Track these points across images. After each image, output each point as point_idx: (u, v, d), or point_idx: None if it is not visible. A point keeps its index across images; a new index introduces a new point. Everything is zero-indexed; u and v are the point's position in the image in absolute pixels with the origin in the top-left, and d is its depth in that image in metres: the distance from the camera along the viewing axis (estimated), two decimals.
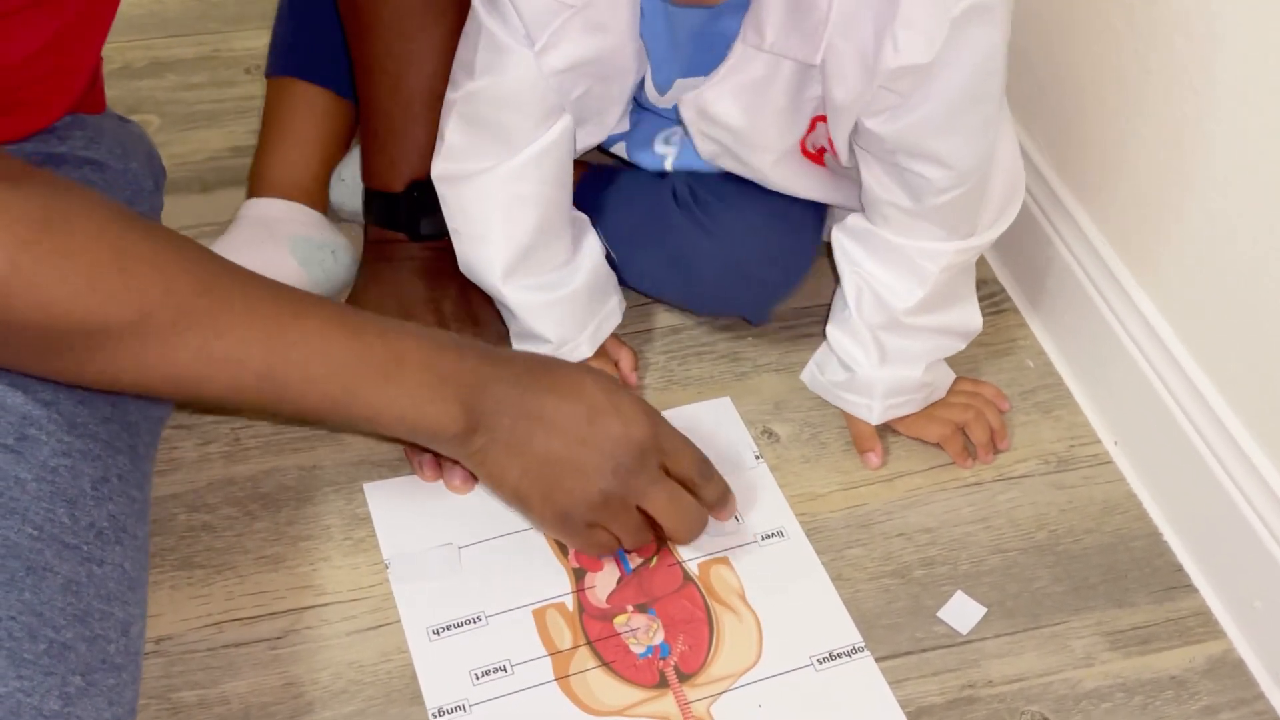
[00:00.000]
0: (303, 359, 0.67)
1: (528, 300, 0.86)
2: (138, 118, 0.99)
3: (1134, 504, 0.88)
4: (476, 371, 0.72)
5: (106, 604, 0.66)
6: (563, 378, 0.75)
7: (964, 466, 0.89)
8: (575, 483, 0.73)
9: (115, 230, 0.63)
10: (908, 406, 0.89)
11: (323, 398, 0.69)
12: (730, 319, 0.97)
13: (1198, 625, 0.82)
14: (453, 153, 0.84)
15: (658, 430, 0.75)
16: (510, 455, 0.72)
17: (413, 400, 0.70)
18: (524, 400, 0.72)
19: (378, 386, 0.69)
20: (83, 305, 0.61)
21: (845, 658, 0.78)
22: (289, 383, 0.67)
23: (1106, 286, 0.91)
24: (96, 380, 0.67)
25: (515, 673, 0.76)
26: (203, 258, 0.67)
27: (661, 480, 0.75)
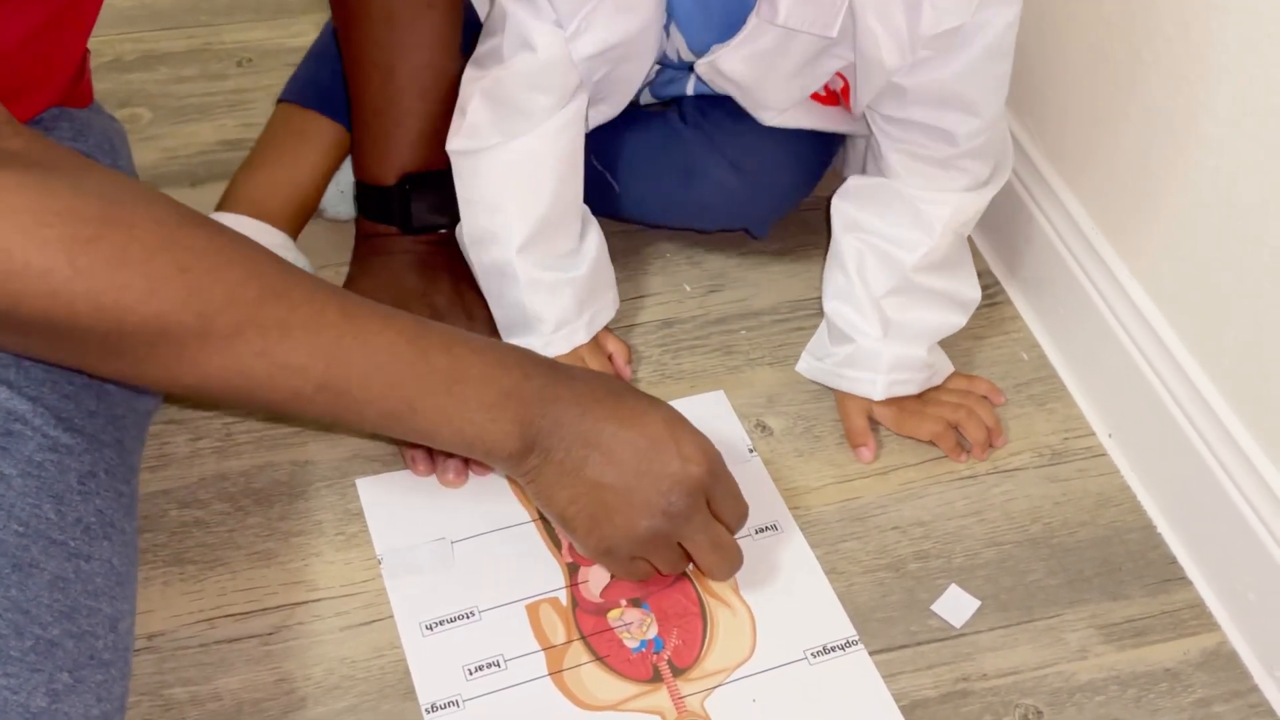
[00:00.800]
0: (365, 371, 0.66)
1: (536, 277, 0.86)
2: (128, 111, 0.99)
3: (1128, 496, 0.88)
4: (540, 391, 0.70)
5: (94, 600, 0.65)
6: (627, 404, 0.73)
7: (958, 461, 0.89)
8: (624, 517, 0.72)
9: (178, 230, 0.61)
10: (909, 386, 0.89)
11: (382, 411, 0.67)
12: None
13: (1192, 618, 0.82)
14: (475, 130, 0.85)
15: (714, 470, 0.73)
16: (561, 478, 0.71)
17: (471, 418, 0.68)
18: (583, 424, 0.71)
19: (438, 401, 0.68)
20: (144, 308, 0.59)
21: (839, 651, 0.78)
22: (349, 393, 0.66)
23: (1100, 279, 0.91)
24: (156, 381, 0.66)
25: (509, 668, 0.76)
26: (267, 261, 0.65)
27: (709, 524, 0.74)
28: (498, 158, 0.84)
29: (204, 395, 0.68)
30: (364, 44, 0.88)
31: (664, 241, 1.02)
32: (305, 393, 0.65)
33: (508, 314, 0.88)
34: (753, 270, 1.01)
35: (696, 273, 1.01)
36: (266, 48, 1.17)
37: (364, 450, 0.86)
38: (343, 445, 0.87)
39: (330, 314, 0.65)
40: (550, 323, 0.87)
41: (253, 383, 0.64)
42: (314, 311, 0.64)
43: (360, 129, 0.91)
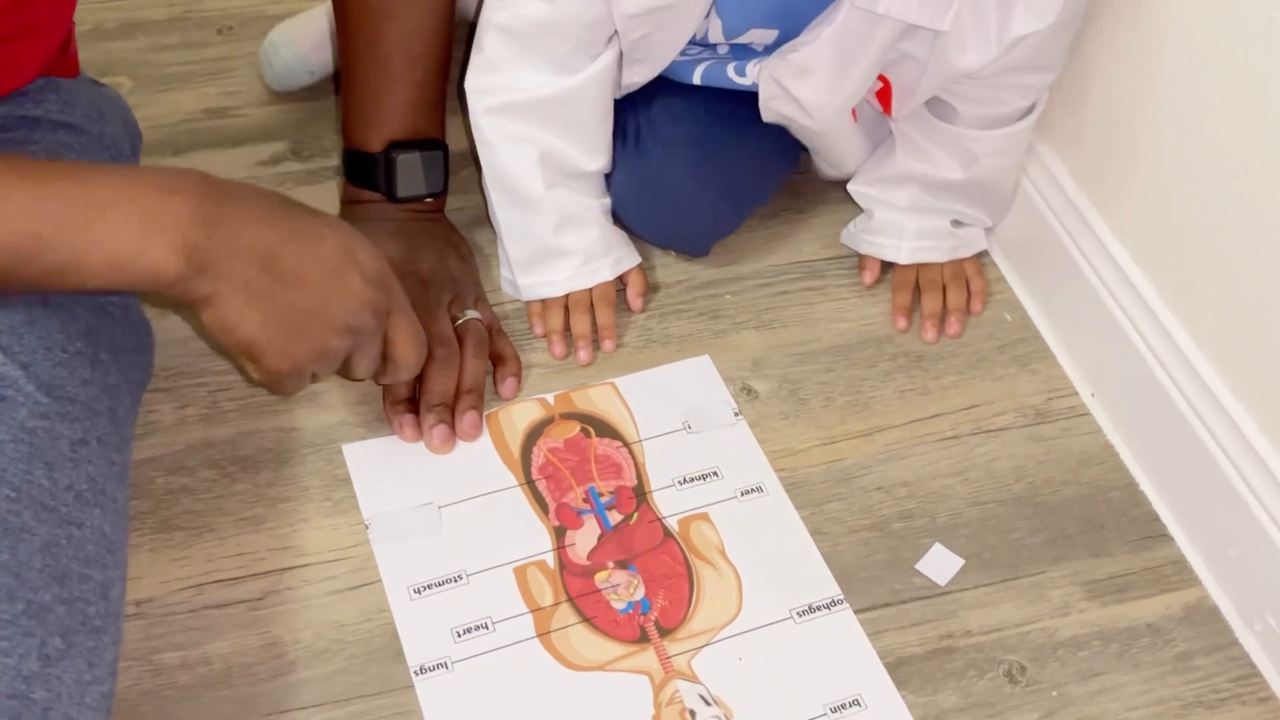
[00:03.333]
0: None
1: (567, 203, 0.89)
2: (110, 80, 0.99)
3: (1111, 455, 0.89)
4: (197, 210, 0.65)
5: (85, 566, 0.66)
6: (303, 223, 0.71)
7: (895, 323, 0.95)
8: (316, 337, 0.70)
9: None
10: (935, 253, 0.95)
11: (8, 250, 0.62)
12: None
13: (1173, 573, 0.83)
14: (491, 66, 0.86)
15: (391, 286, 0.75)
16: (250, 302, 0.67)
17: (120, 242, 0.63)
18: (260, 245, 0.67)
19: (76, 231, 0.63)
20: None
21: (824, 610, 0.78)
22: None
23: (1084, 240, 0.91)
24: None
25: (497, 630, 0.76)
26: None
27: (379, 334, 0.75)
28: (518, 101, 0.86)
29: None
30: (353, 7, 0.87)
31: None
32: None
33: (529, 249, 0.90)
34: (737, 235, 1.01)
35: None
36: (247, 15, 1.17)
37: (350, 416, 0.87)
38: (329, 412, 0.87)
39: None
40: (579, 255, 0.89)
41: None
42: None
43: (348, 95, 0.91)
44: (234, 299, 0.67)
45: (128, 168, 0.67)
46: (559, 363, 0.91)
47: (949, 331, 0.95)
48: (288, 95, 1.09)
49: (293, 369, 0.71)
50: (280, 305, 0.68)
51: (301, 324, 0.70)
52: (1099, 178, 0.91)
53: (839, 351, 0.93)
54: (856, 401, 0.90)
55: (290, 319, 0.69)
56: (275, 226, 0.69)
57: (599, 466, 0.84)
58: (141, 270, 0.64)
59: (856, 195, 0.98)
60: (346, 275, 0.71)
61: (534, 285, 0.92)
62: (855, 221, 0.99)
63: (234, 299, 0.67)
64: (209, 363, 0.89)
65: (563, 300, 0.92)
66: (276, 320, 0.69)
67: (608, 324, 0.92)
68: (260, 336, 0.69)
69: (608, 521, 0.82)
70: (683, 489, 0.84)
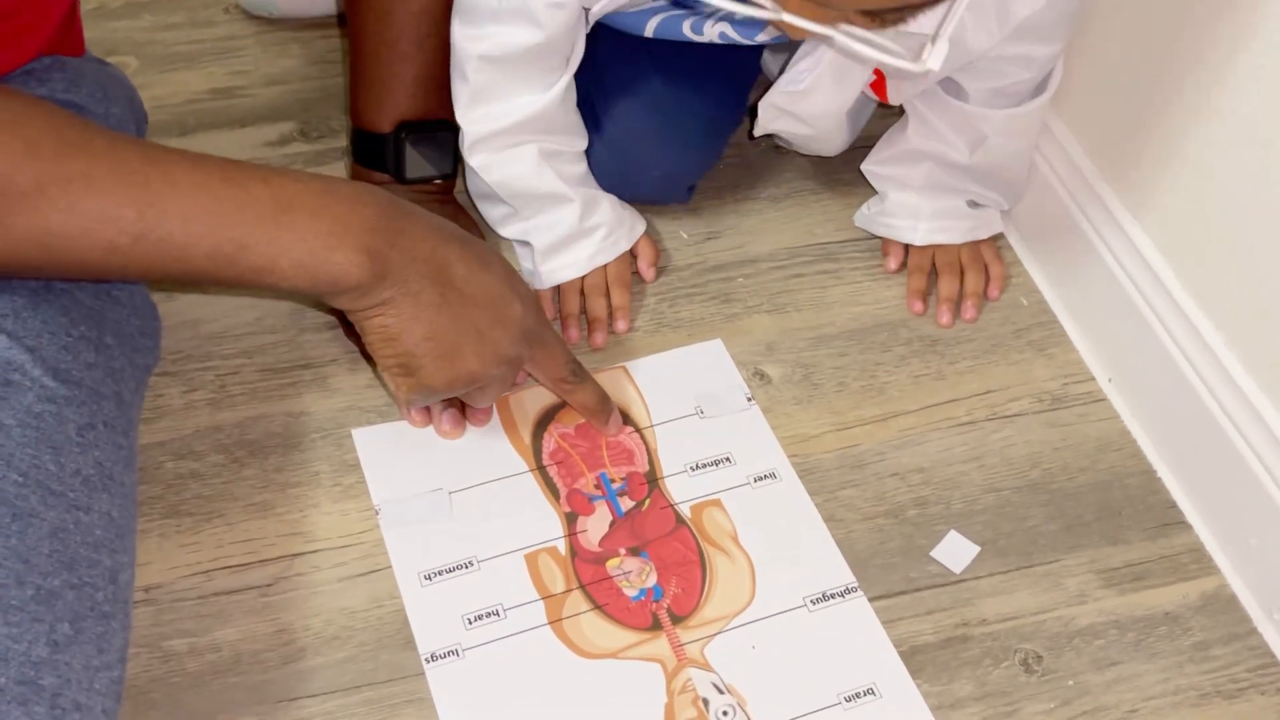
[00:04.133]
0: (182, 213, 0.63)
1: (582, 186, 0.90)
2: (115, 59, 0.98)
3: (1128, 441, 0.88)
4: (380, 219, 0.68)
5: (94, 551, 0.65)
6: (472, 248, 0.73)
7: (910, 307, 0.94)
8: (477, 359, 0.72)
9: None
10: (951, 234, 0.94)
11: (209, 253, 0.65)
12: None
13: (1191, 561, 0.82)
14: (483, 94, 0.85)
15: (542, 320, 0.77)
16: (419, 312, 0.70)
17: (310, 248, 0.66)
18: (435, 259, 0.70)
19: (270, 234, 0.65)
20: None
21: (839, 598, 0.78)
22: (169, 239, 0.63)
23: (1102, 223, 0.90)
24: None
25: (508, 617, 0.76)
26: (63, 116, 0.64)
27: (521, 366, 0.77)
28: (515, 122, 0.86)
29: (21, 266, 0.65)
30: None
31: None
32: (122, 245, 0.63)
33: (554, 236, 0.90)
34: (749, 217, 1.00)
35: (693, 220, 1.00)
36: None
37: (360, 401, 0.86)
38: (339, 396, 0.86)
39: (133, 161, 0.63)
40: (600, 230, 0.90)
41: (66, 241, 0.62)
42: (116, 160, 0.63)
43: (356, 74, 0.90)
44: (406, 307, 0.70)
45: (316, 176, 0.69)
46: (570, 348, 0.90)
47: (965, 316, 0.93)
48: (295, 76, 1.08)
49: (446, 386, 0.73)
50: (446, 320, 0.71)
51: (463, 343, 0.72)
52: (1117, 159, 0.90)
53: (853, 336, 0.93)
54: (871, 386, 0.89)
55: (453, 336, 0.71)
56: (449, 243, 0.71)
57: (610, 452, 0.84)
58: (328, 273, 0.67)
59: (870, 175, 0.97)
60: (510, 302, 0.73)
61: (555, 270, 0.91)
62: (869, 203, 0.98)
63: (406, 307, 0.70)
64: (216, 346, 0.88)
65: (578, 284, 0.91)
66: (440, 335, 0.71)
67: (623, 304, 0.91)
68: (421, 348, 0.71)
69: (619, 508, 0.81)
70: (695, 475, 0.83)
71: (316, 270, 0.67)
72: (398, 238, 0.69)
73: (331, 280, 0.68)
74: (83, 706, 0.61)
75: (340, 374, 0.87)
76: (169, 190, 0.64)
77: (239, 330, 0.89)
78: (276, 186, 0.66)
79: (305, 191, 0.67)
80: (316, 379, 0.87)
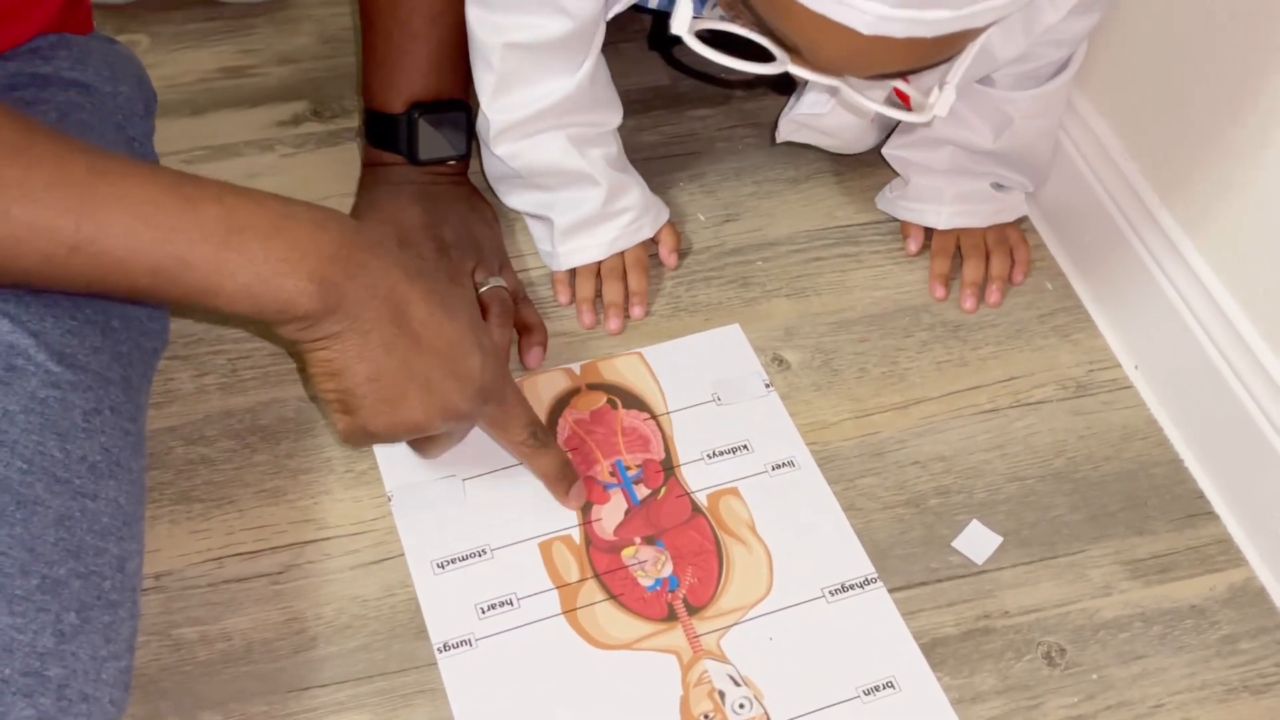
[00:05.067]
0: (124, 226, 0.60)
1: (612, 169, 0.89)
2: (125, 38, 0.97)
3: (1154, 430, 0.86)
4: (340, 250, 0.64)
5: (101, 539, 0.64)
6: (438, 290, 0.69)
7: (932, 291, 0.92)
8: (422, 408, 0.68)
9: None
10: (975, 218, 0.92)
11: (150, 269, 0.61)
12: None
13: (1219, 553, 0.80)
14: (510, 82, 0.84)
15: (504, 375, 0.73)
16: (365, 351, 0.66)
17: (258, 272, 0.62)
18: (394, 296, 0.66)
19: (216, 254, 0.62)
20: None
21: (858, 589, 0.76)
22: (110, 252, 0.60)
23: (1129, 205, 0.88)
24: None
25: (521, 606, 0.74)
26: (13, 121, 0.61)
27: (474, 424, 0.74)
28: (543, 108, 0.84)
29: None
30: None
31: (677, 171, 0.99)
32: (58, 256, 0.60)
33: (576, 215, 0.88)
34: (768, 199, 0.98)
35: (710, 202, 0.98)
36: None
37: None
38: None
39: (77, 170, 0.60)
40: (628, 214, 0.89)
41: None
42: (57, 168, 0.60)
43: (369, 53, 0.88)
44: (352, 343, 0.66)
45: (279, 197, 0.66)
46: (585, 332, 0.89)
47: (989, 300, 0.92)
48: (308, 54, 1.07)
49: (386, 430, 0.69)
50: (395, 363, 0.67)
51: (409, 390, 0.67)
52: (1146, 140, 0.87)
53: (874, 320, 0.91)
54: (892, 373, 0.88)
55: (400, 381, 0.67)
56: (412, 282, 0.67)
57: (626, 439, 0.82)
58: (275, 299, 0.63)
59: (891, 159, 0.95)
60: (468, 354, 0.69)
61: (574, 251, 0.90)
62: (891, 186, 0.96)
63: (352, 343, 0.66)
64: (228, 330, 0.87)
65: (594, 268, 0.90)
66: (384, 378, 0.67)
67: (641, 289, 0.90)
68: (362, 389, 0.67)
69: (635, 496, 0.80)
70: (712, 463, 0.82)
71: (263, 296, 0.63)
72: (358, 270, 0.65)
73: (279, 307, 0.63)
74: (90, 697, 0.60)
75: None
76: (113, 202, 0.60)
77: None
78: (231, 206, 0.63)
79: (261, 212, 0.63)
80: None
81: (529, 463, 0.77)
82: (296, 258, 0.63)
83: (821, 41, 0.63)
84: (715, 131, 1.03)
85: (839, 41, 0.61)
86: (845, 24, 0.59)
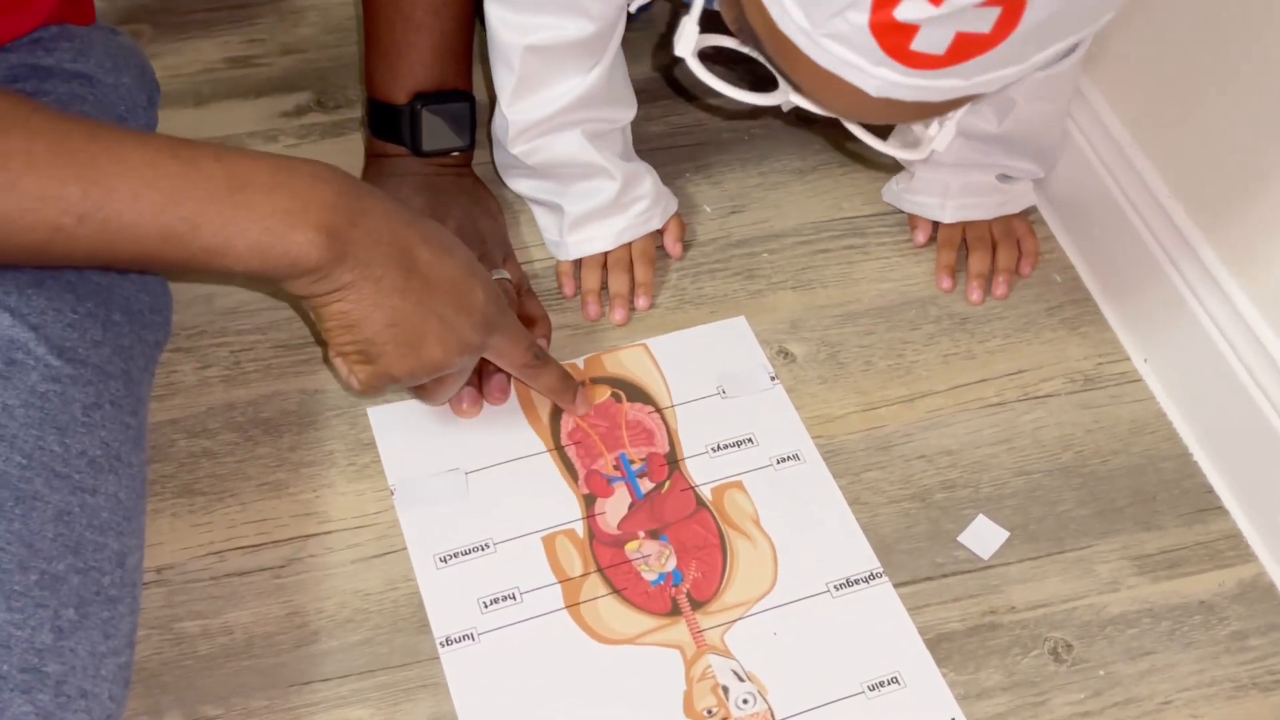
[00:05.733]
0: (130, 190, 0.60)
1: (626, 160, 0.89)
2: (128, 28, 0.96)
3: (1163, 424, 0.85)
4: (340, 199, 0.65)
5: (100, 534, 0.64)
6: (434, 233, 0.70)
7: (939, 283, 0.91)
8: (441, 347, 0.70)
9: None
10: (980, 210, 0.91)
11: (160, 233, 0.61)
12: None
13: (1228, 548, 0.79)
14: (531, 84, 0.84)
15: (503, 306, 0.75)
16: (380, 298, 0.67)
17: (266, 225, 0.62)
18: (398, 243, 0.67)
19: (224, 213, 0.62)
20: None
21: (863, 584, 0.76)
22: (116, 219, 0.60)
23: (1138, 196, 0.87)
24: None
25: (524, 601, 0.74)
26: (6, 96, 0.61)
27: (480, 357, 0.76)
28: (562, 105, 0.84)
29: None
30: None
31: (683, 162, 0.99)
32: (66, 225, 0.60)
33: (589, 205, 0.88)
34: (774, 190, 0.98)
35: (716, 193, 0.97)
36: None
37: None
38: None
39: (77, 138, 0.60)
40: (639, 204, 0.89)
41: (6, 221, 0.59)
42: (58, 137, 0.60)
43: (371, 44, 0.88)
44: (367, 292, 0.66)
45: (271, 154, 0.66)
46: (588, 324, 0.88)
47: (995, 293, 0.91)
48: (312, 44, 1.06)
49: (408, 374, 0.70)
50: (410, 306, 0.68)
51: (427, 330, 0.69)
52: (1156, 130, 0.86)
53: (880, 313, 0.90)
54: (898, 366, 0.87)
55: (416, 323, 0.68)
56: (411, 226, 0.68)
57: (630, 432, 0.82)
58: (285, 254, 0.63)
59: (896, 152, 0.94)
60: (472, 289, 0.71)
61: (583, 241, 0.89)
62: (896, 178, 0.95)
63: (367, 292, 0.66)
64: (230, 322, 0.87)
65: (600, 259, 0.89)
66: (402, 322, 0.68)
67: (647, 281, 0.89)
68: (383, 335, 0.68)
69: (639, 489, 0.79)
70: (716, 456, 0.81)
71: (273, 250, 0.63)
72: (360, 218, 0.65)
73: (289, 261, 0.64)
74: (88, 694, 0.60)
75: None
76: (116, 168, 0.60)
77: (254, 305, 0.88)
78: (230, 163, 0.63)
79: (260, 168, 0.63)
80: None
81: (533, 382, 0.79)
82: (299, 209, 0.63)
83: (828, 95, 0.63)
84: (721, 122, 1.02)
85: (845, 97, 0.61)
86: (854, 84, 0.59)
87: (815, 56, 0.59)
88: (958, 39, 0.56)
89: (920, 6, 0.54)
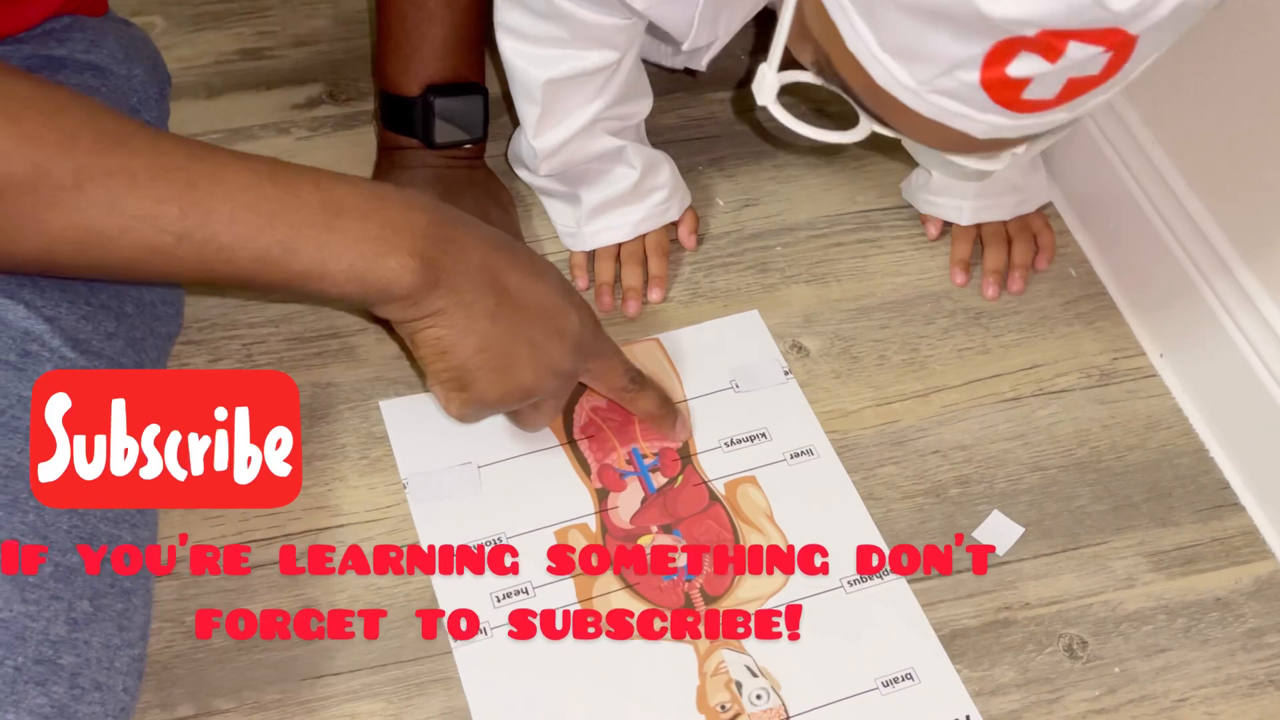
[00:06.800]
0: (228, 213, 0.61)
1: (644, 149, 0.88)
2: (140, 19, 0.96)
3: (1179, 419, 0.85)
4: (431, 225, 0.65)
5: (114, 526, 0.64)
6: (523, 257, 0.70)
7: (953, 278, 0.91)
8: (532, 371, 0.70)
9: (3, 79, 0.58)
10: (998, 210, 0.90)
11: (256, 256, 0.62)
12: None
13: (1244, 545, 0.79)
14: (554, 114, 0.84)
15: (598, 329, 0.74)
16: (471, 323, 0.67)
17: (361, 252, 0.63)
18: (488, 268, 0.67)
19: (320, 238, 0.62)
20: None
21: (877, 579, 0.76)
22: (214, 240, 0.61)
23: (1154, 189, 0.87)
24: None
25: (537, 595, 0.74)
26: (101, 109, 0.61)
27: (575, 383, 0.75)
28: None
29: (56, 263, 0.62)
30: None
31: (696, 155, 0.98)
32: (165, 245, 0.60)
33: (607, 194, 0.88)
34: (787, 184, 0.97)
35: (729, 186, 0.97)
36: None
37: (387, 372, 0.84)
38: (365, 367, 0.84)
39: (177, 157, 0.61)
40: (656, 195, 0.88)
41: (105, 239, 0.60)
42: (158, 156, 0.60)
43: (383, 35, 0.87)
44: (459, 317, 0.67)
45: (364, 180, 0.66)
46: (601, 317, 0.88)
47: (1011, 288, 0.90)
48: (324, 36, 1.06)
49: (500, 400, 0.70)
50: (500, 331, 0.68)
51: (517, 356, 0.69)
52: (1172, 123, 0.86)
53: (894, 307, 0.90)
54: (912, 360, 0.87)
55: (507, 348, 0.68)
56: (500, 252, 0.69)
57: (643, 426, 0.81)
58: (379, 279, 0.64)
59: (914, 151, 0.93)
60: (565, 313, 0.70)
61: (600, 231, 0.89)
62: (914, 175, 0.95)
63: (459, 317, 0.67)
64: (242, 314, 0.87)
65: (614, 250, 0.89)
66: (493, 347, 0.68)
67: (662, 274, 0.89)
68: (474, 361, 0.68)
69: (651, 484, 0.79)
70: (729, 451, 0.81)
71: (367, 276, 0.64)
72: (449, 245, 0.66)
73: (383, 287, 0.64)
74: (103, 686, 0.60)
75: (368, 344, 0.85)
76: (215, 189, 0.61)
77: (264, 297, 0.87)
78: (326, 189, 0.63)
79: (355, 195, 0.64)
80: (344, 349, 0.85)
81: (631, 406, 0.79)
82: (393, 236, 0.64)
83: (929, 139, 0.63)
84: (734, 115, 1.02)
85: (949, 140, 0.61)
86: (961, 130, 0.59)
87: (920, 109, 0.59)
88: (1069, 84, 0.56)
89: (1034, 63, 0.54)
